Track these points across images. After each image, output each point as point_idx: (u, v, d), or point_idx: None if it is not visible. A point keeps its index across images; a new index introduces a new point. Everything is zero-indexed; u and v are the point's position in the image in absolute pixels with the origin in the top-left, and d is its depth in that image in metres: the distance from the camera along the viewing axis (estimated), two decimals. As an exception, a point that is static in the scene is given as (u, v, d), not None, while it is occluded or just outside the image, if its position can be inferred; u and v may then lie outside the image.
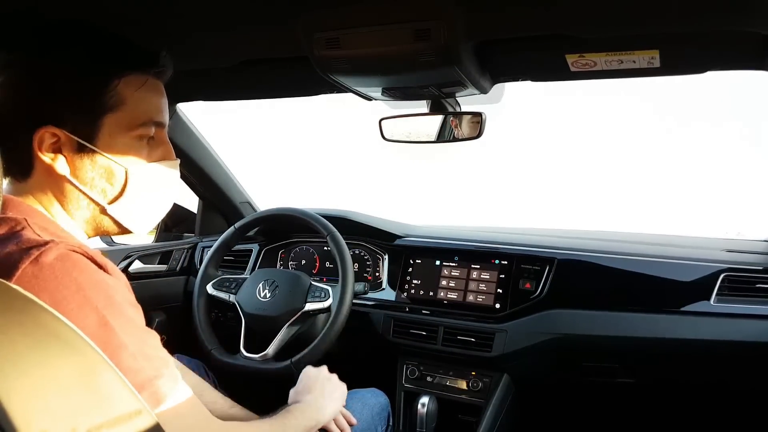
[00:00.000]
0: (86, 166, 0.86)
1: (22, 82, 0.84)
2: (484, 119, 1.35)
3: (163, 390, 0.77)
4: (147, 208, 0.95)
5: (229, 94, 1.70)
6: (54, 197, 0.87)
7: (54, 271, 0.72)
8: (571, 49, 1.06)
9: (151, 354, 0.78)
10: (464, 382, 1.70)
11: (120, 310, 0.76)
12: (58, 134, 0.84)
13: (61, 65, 0.84)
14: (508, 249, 1.73)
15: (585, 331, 1.59)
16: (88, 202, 0.89)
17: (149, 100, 0.91)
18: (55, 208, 0.87)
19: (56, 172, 0.85)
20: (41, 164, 0.85)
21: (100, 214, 0.91)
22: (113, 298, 0.76)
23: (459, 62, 1.04)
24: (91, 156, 0.86)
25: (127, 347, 0.74)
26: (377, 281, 1.91)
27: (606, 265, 1.63)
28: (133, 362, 0.74)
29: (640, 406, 1.78)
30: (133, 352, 0.75)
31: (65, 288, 0.72)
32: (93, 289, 0.74)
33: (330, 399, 1.22)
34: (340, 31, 1.01)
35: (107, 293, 0.75)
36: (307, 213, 1.71)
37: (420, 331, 1.73)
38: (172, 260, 2.10)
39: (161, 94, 0.94)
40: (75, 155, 0.85)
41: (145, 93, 0.90)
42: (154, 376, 0.77)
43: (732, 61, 1.10)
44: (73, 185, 0.87)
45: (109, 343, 0.73)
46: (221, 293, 1.71)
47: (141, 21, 1.03)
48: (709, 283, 1.53)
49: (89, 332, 0.69)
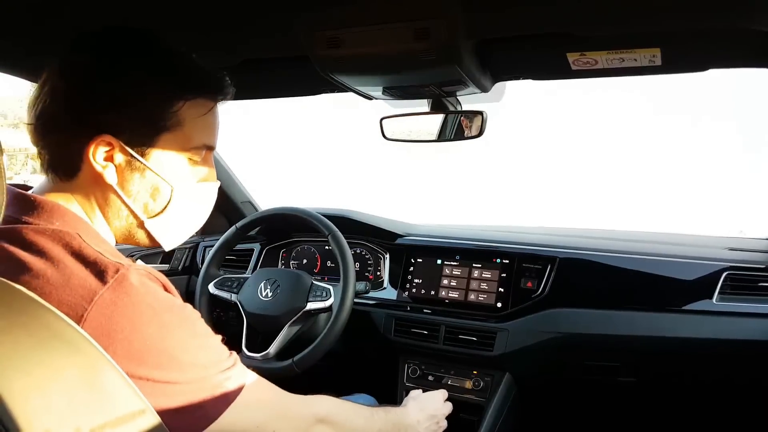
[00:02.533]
0: (134, 179, 0.86)
1: (87, 88, 0.82)
2: (485, 118, 1.35)
3: (235, 387, 0.82)
4: (183, 226, 0.95)
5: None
6: (96, 204, 0.87)
7: (130, 297, 0.73)
8: (572, 47, 1.05)
9: (221, 359, 0.83)
10: (466, 381, 1.70)
11: (193, 327, 0.81)
12: (113, 143, 0.83)
13: (132, 77, 0.83)
14: (509, 248, 1.73)
15: (587, 330, 1.59)
16: (129, 214, 0.88)
17: (207, 125, 0.91)
18: (96, 215, 0.87)
19: (104, 180, 0.84)
20: (89, 169, 0.84)
21: (137, 227, 0.90)
22: (184, 318, 0.80)
23: (459, 61, 1.04)
24: (140, 170, 0.86)
25: (202, 361, 0.79)
26: (378, 280, 1.91)
27: (608, 264, 1.63)
28: (205, 372, 0.79)
29: (643, 404, 1.78)
30: (207, 364, 0.80)
31: (143, 314, 0.73)
32: (167, 313, 0.77)
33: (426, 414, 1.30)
34: (340, 30, 1.01)
35: (180, 315, 0.79)
36: (308, 212, 1.71)
37: (421, 331, 1.73)
38: (174, 260, 2.10)
39: (217, 119, 0.94)
40: (125, 167, 0.85)
41: (204, 118, 0.89)
42: (225, 378, 0.81)
43: (734, 58, 1.10)
44: (117, 195, 0.86)
45: (185, 361, 0.77)
46: (223, 293, 1.71)
47: (143, 21, 1.03)
48: (711, 282, 1.53)
49: (169, 354, 0.75)
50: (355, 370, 2.00)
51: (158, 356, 0.74)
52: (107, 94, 0.82)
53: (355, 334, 1.67)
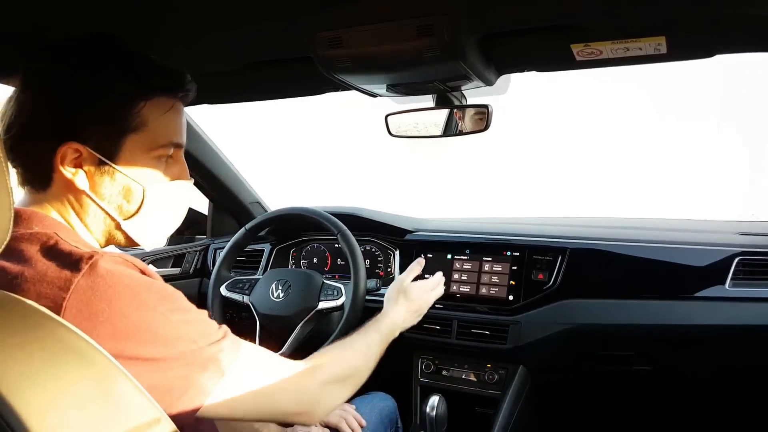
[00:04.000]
0: (105, 182, 0.88)
1: (50, 97, 0.84)
2: (491, 111, 1.34)
3: (227, 360, 0.82)
4: (159, 226, 0.97)
5: (235, 97, 1.69)
6: (72, 209, 0.88)
7: (107, 281, 0.74)
8: (576, 38, 1.04)
9: (209, 332, 0.83)
10: (480, 374, 1.70)
11: (174, 303, 0.80)
12: (80, 150, 0.84)
13: (91, 83, 0.85)
14: (519, 240, 1.73)
15: (599, 320, 1.58)
16: (105, 217, 0.90)
17: (171, 122, 0.92)
18: (74, 220, 0.89)
19: (76, 186, 0.86)
20: (61, 177, 0.85)
21: (114, 228, 0.92)
22: (165, 296, 0.80)
23: (463, 56, 1.03)
24: (110, 173, 0.87)
25: (188, 334, 0.79)
26: (389, 277, 1.91)
27: (619, 253, 1.63)
28: (194, 345, 0.79)
29: (657, 392, 1.77)
30: (194, 337, 0.79)
31: (121, 294, 0.74)
32: (145, 291, 0.77)
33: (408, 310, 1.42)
34: (342, 29, 1.00)
35: (159, 293, 0.79)
36: (316, 212, 1.71)
37: (434, 326, 1.73)
38: (185, 263, 2.11)
39: (182, 116, 0.95)
40: (95, 171, 0.86)
41: (168, 116, 0.91)
42: (217, 350, 0.81)
43: (740, 44, 1.08)
44: (91, 200, 0.88)
45: (170, 335, 0.77)
46: (235, 294, 1.72)
47: (144, 26, 1.03)
48: (723, 268, 1.52)
49: (153, 330, 0.75)
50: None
51: (141, 333, 0.74)
52: (69, 102, 0.84)
53: (368, 331, 1.67)
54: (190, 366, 0.77)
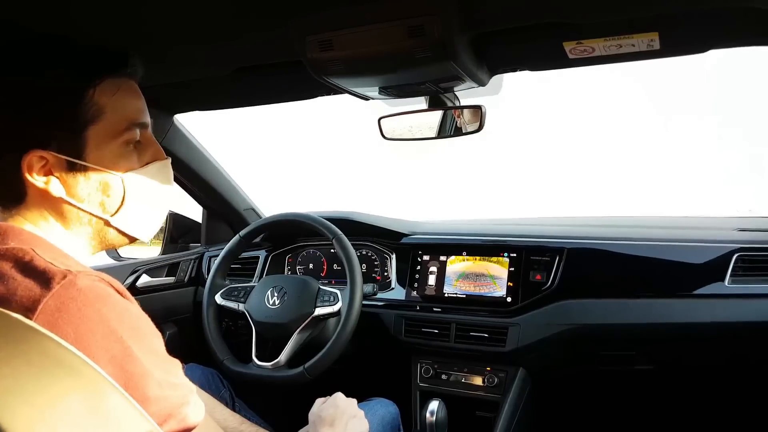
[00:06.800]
0: (80, 182, 0.84)
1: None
2: (484, 112, 1.34)
3: (191, 417, 0.78)
4: (149, 213, 0.93)
5: (226, 103, 1.69)
6: (53, 219, 0.85)
7: (76, 303, 0.70)
8: (568, 36, 1.04)
9: (176, 382, 0.78)
10: (480, 378, 1.69)
11: (144, 339, 0.75)
12: (45, 156, 0.81)
13: (33, 85, 0.81)
14: (516, 241, 1.72)
15: (599, 320, 1.57)
16: (90, 218, 0.87)
17: (127, 103, 0.88)
18: (56, 230, 0.85)
19: (51, 195, 0.83)
20: (34, 189, 0.82)
21: (104, 227, 0.89)
22: (137, 328, 0.75)
23: (455, 57, 1.02)
24: (83, 172, 0.84)
25: (153, 376, 0.73)
26: (386, 281, 1.89)
27: (617, 252, 1.62)
28: (159, 391, 0.74)
29: (659, 391, 1.76)
30: (159, 380, 0.74)
31: (89, 320, 0.70)
32: (117, 320, 0.72)
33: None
34: (332, 32, 0.99)
35: (131, 324, 0.74)
36: (310, 217, 1.69)
37: (432, 329, 1.71)
38: (179, 272, 2.09)
39: (138, 95, 0.91)
40: (67, 174, 0.83)
41: (121, 97, 0.87)
42: (182, 403, 0.77)
43: (734, 38, 1.08)
44: (71, 205, 0.84)
45: (135, 372, 0.72)
46: (230, 303, 1.70)
47: (132, 34, 1.02)
48: (722, 265, 1.51)
49: (116, 363, 0.70)
50: (368, 374, 1.99)
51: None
52: (18, 111, 0.81)
53: (366, 336, 1.66)
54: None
